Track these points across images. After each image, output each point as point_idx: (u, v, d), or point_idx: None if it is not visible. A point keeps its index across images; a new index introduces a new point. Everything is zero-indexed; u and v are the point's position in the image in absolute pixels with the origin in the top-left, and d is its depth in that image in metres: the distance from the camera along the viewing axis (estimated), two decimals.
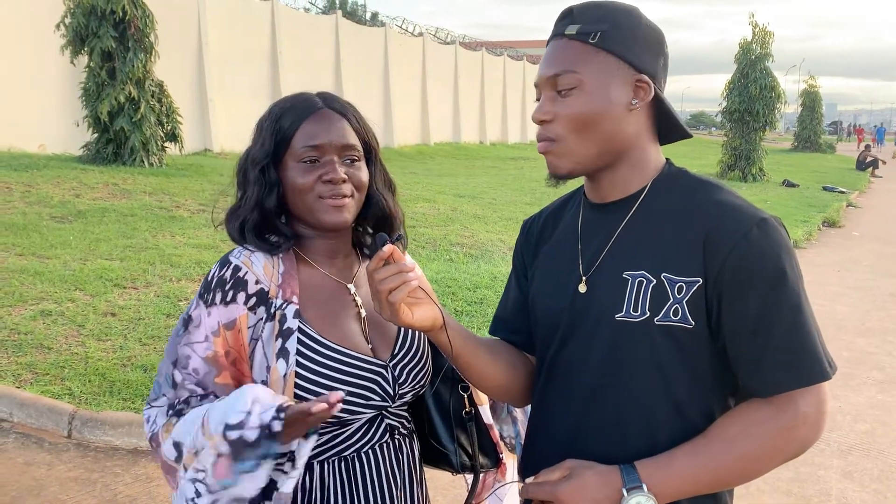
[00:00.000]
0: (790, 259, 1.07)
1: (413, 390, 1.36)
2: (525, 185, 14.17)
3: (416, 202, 10.36)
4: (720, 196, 1.13)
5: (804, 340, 1.05)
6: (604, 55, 1.11)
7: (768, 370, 1.06)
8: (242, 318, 1.23)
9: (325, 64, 18.80)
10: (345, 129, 1.29)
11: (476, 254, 7.52)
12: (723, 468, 1.08)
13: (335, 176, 1.26)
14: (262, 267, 1.26)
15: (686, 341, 1.08)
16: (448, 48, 26.23)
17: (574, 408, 1.17)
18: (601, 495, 1.07)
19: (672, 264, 1.09)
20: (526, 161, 20.42)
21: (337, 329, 1.29)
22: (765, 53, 19.39)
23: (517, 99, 31.72)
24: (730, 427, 1.08)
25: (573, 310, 1.17)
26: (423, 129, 23.68)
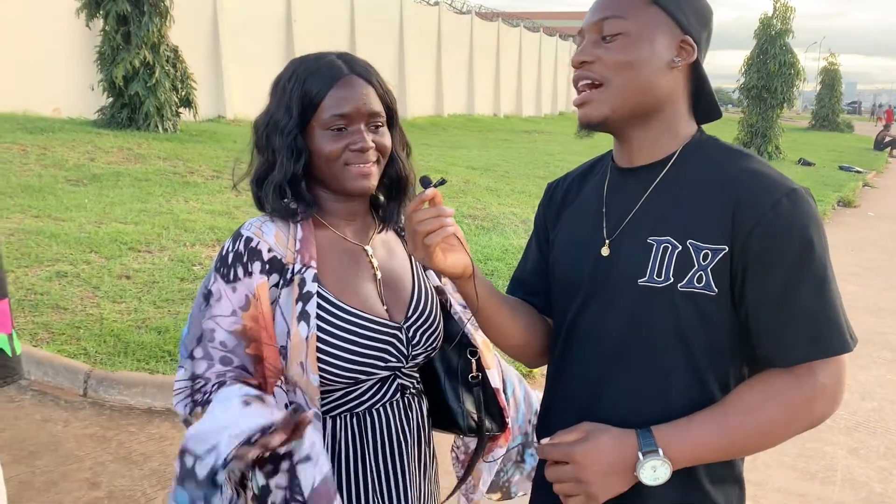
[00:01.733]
0: (818, 231, 1.06)
1: (426, 352, 1.38)
2: (538, 158, 14.11)
3: (430, 174, 10.33)
4: (751, 165, 1.12)
5: (828, 312, 1.06)
6: (655, 9, 1.11)
7: (791, 340, 1.06)
8: (262, 285, 1.24)
9: (339, 32, 18.66)
10: (371, 96, 1.29)
11: (488, 226, 7.52)
12: (740, 436, 1.08)
13: (364, 145, 1.27)
14: (273, 236, 1.27)
15: (708, 308, 1.08)
16: (464, 18, 25.94)
17: (593, 372, 1.17)
18: (617, 458, 1.08)
19: (698, 231, 1.08)
20: (540, 134, 20.30)
21: (354, 292, 1.31)
22: (785, 29, 19.09)
23: (532, 72, 31.42)
24: (749, 395, 1.08)
25: (595, 273, 1.17)
26: (437, 101, 23.53)
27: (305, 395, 1.23)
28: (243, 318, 1.23)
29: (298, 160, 1.28)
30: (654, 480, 1.06)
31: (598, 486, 1.08)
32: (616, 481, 1.08)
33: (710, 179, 1.12)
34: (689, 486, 1.13)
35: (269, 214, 1.30)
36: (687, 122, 1.19)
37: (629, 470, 1.07)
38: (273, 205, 1.29)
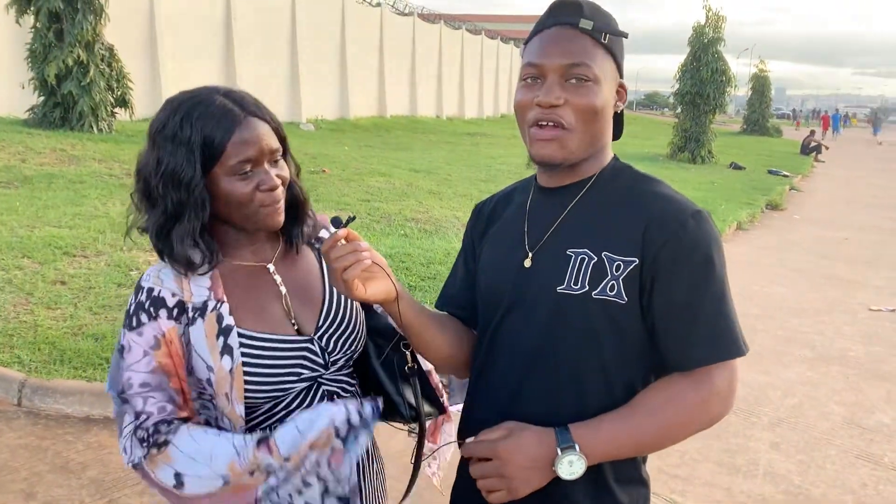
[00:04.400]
0: (718, 249, 1.19)
1: (345, 356, 1.43)
2: (481, 161, 14.25)
3: (372, 176, 10.37)
4: (660, 189, 1.25)
5: (725, 321, 1.18)
6: (608, 57, 1.22)
7: (691, 346, 1.17)
8: (171, 330, 1.27)
9: (280, 31, 18.47)
10: (268, 133, 1.31)
11: (431, 230, 7.60)
12: (645, 435, 1.19)
13: (273, 183, 1.29)
14: (172, 281, 1.30)
15: (619, 316, 1.19)
16: (406, 20, 25.97)
17: (513, 374, 1.27)
18: (538, 453, 1.16)
19: (612, 244, 1.19)
20: (482, 137, 20.48)
21: (259, 316, 1.34)
22: (717, 37, 19.75)
23: (475, 74, 31.66)
24: (653, 398, 1.19)
25: (517, 283, 1.26)
26: (380, 102, 23.51)
27: (231, 421, 1.29)
28: (156, 357, 1.26)
29: (205, 210, 1.28)
30: (571, 475, 1.15)
31: (520, 480, 1.17)
32: (536, 475, 1.17)
33: (624, 199, 1.24)
34: (599, 487, 1.22)
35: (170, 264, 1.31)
36: (608, 149, 1.31)
37: (548, 465, 1.16)
38: (177, 258, 1.29)
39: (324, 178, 9.75)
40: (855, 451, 3.88)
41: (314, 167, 10.26)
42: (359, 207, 8.23)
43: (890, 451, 3.87)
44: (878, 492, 3.47)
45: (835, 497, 3.40)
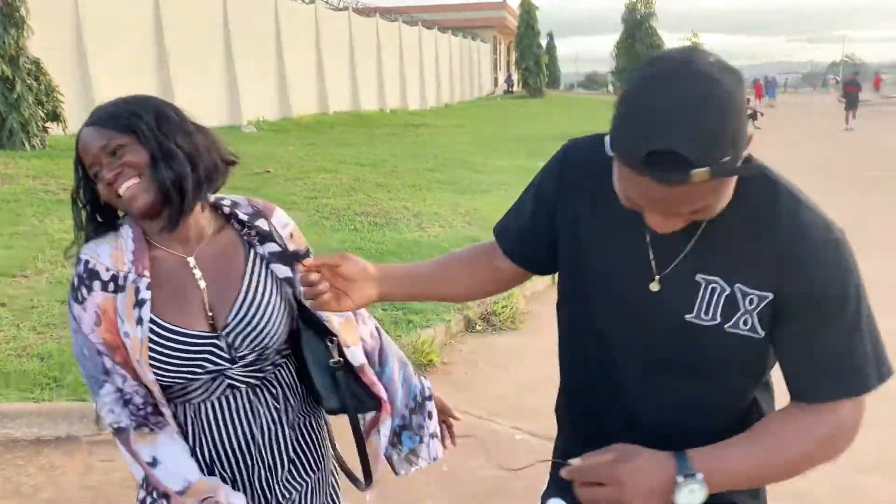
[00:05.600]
0: (855, 281, 1.10)
1: (254, 353, 1.47)
2: (427, 151, 14.24)
3: (318, 173, 10.27)
4: (794, 206, 1.11)
5: (855, 358, 1.11)
6: (719, 182, 1.00)
7: (819, 381, 1.12)
8: (106, 301, 1.37)
9: (213, 35, 18.10)
10: (99, 135, 1.37)
11: (381, 222, 7.56)
12: (770, 466, 1.13)
13: (108, 177, 1.36)
14: (109, 256, 1.40)
15: (751, 349, 1.14)
16: (341, 15, 25.71)
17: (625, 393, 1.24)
18: (658, 480, 1.09)
19: (746, 276, 1.11)
20: (427, 128, 20.46)
21: (174, 306, 1.41)
22: (649, 13, 20.09)
23: (415, 65, 31.57)
24: (779, 428, 1.14)
25: (641, 305, 1.19)
26: (321, 99, 23.26)
27: (149, 386, 1.39)
28: (100, 334, 1.36)
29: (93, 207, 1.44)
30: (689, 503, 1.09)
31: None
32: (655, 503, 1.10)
33: (760, 224, 1.11)
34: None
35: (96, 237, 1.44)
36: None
37: (668, 492, 1.09)
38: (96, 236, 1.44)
39: (269, 178, 9.62)
40: None
41: (258, 168, 10.12)
42: (306, 205, 8.14)
43: None
44: None
45: None
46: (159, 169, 1.38)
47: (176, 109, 1.46)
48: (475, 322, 5.18)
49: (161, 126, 1.40)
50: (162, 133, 1.40)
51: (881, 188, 11.46)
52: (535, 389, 4.10)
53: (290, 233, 1.57)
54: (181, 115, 1.46)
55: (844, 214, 6.70)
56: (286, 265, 1.50)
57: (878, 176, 12.82)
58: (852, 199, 10.17)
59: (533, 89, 41.62)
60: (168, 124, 1.41)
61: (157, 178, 1.37)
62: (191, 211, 1.43)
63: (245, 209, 1.54)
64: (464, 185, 10.13)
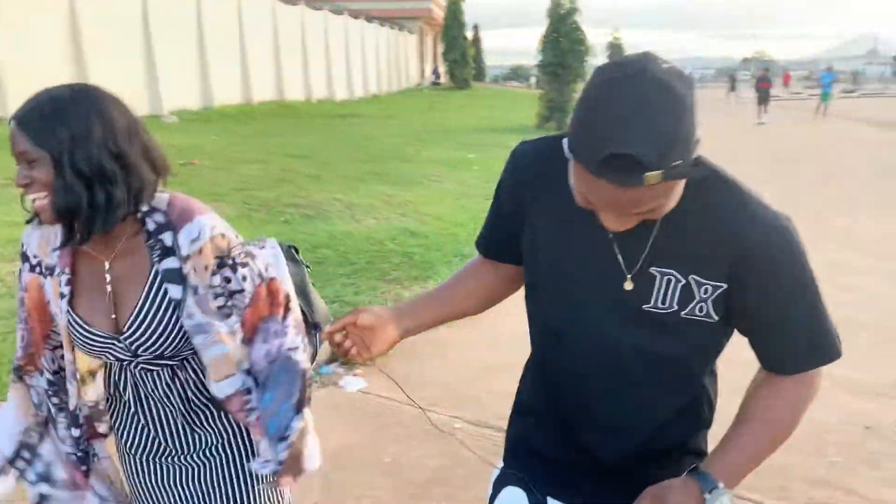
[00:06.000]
0: (805, 261, 1.20)
1: (152, 355, 1.56)
2: (357, 143, 14.16)
3: (245, 164, 10.10)
4: (741, 199, 1.19)
5: (821, 329, 1.23)
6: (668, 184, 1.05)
7: (790, 355, 1.25)
8: (32, 279, 1.57)
9: (131, 21, 17.45)
10: (17, 140, 1.41)
11: (313, 214, 7.51)
12: (765, 446, 1.28)
13: (18, 181, 1.43)
14: (36, 244, 1.56)
15: (707, 331, 1.24)
16: (265, 2, 25.18)
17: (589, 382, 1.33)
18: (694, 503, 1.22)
19: (700, 268, 1.19)
20: (355, 118, 20.32)
21: (85, 302, 1.55)
22: (574, 8, 20.44)
23: (341, 54, 31.22)
24: (771, 413, 1.27)
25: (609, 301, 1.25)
26: (245, 88, 22.74)
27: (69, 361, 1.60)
28: (24, 296, 1.59)
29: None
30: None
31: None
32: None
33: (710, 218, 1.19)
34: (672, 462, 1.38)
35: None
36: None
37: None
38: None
39: (194, 170, 9.38)
40: (730, 384, 4.21)
41: (182, 159, 9.85)
42: (234, 197, 8.00)
43: None
44: None
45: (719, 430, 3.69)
46: (56, 194, 1.40)
47: (108, 119, 1.42)
48: None
49: (76, 148, 1.38)
50: (72, 158, 1.38)
51: (790, 177, 12.08)
52: (473, 378, 4.19)
53: (200, 248, 1.51)
54: (113, 126, 1.42)
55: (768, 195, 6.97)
56: (179, 285, 1.50)
57: (789, 168, 13.49)
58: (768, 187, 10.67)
59: (460, 81, 41.82)
60: (85, 146, 1.39)
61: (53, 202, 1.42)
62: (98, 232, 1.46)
63: (157, 217, 1.51)
64: (396, 177, 10.15)
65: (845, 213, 9.22)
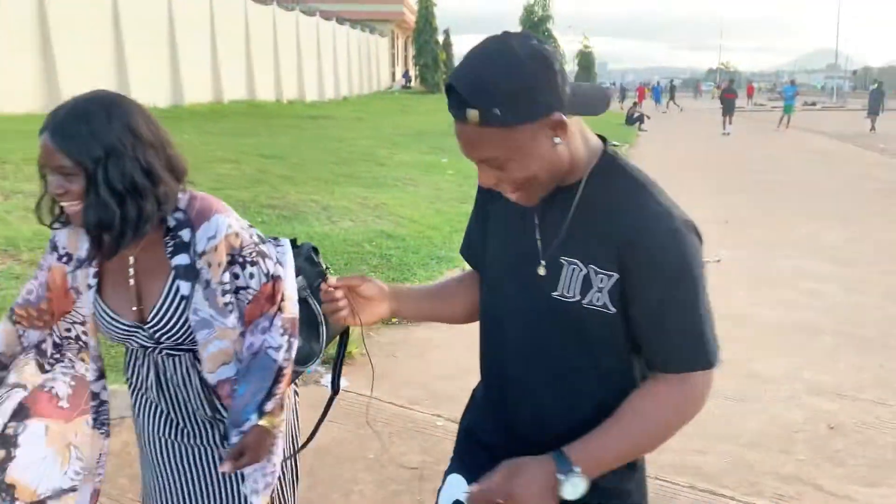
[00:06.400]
0: (693, 266, 1.23)
1: (172, 341, 1.66)
2: (330, 145, 14.15)
3: (219, 163, 10.05)
4: (642, 198, 1.25)
5: (695, 334, 1.24)
6: (512, 130, 1.14)
7: (664, 355, 1.27)
8: (57, 267, 1.65)
9: (100, 18, 17.22)
10: (52, 153, 1.47)
11: (289, 215, 7.52)
12: (634, 440, 1.28)
13: (54, 189, 1.50)
14: (65, 239, 1.65)
15: (608, 323, 1.27)
16: (237, 2, 25.04)
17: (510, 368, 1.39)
18: (544, 484, 1.23)
19: (597, 258, 1.25)
20: (327, 120, 20.28)
21: (111, 292, 1.65)
22: (546, 16, 20.73)
23: (312, 56, 31.13)
24: (639, 403, 1.27)
25: (529, 286, 1.33)
26: (216, 87, 22.59)
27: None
28: (47, 276, 1.67)
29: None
30: (575, 495, 1.23)
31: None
32: (547, 502, 1.24)
33: (610, 210, 1.25)
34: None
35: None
36: (589, 145, 1.30)
37: (555, 490, 1.23)
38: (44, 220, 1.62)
39: None
40: None
41: None
42: None
43: (729, 384, 4.35)
44: (724, 419, 3.92)
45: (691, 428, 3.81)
46: (87, 210, 1.49)
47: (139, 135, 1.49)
48: None
49: (110, 165, 1.46)
50: (106, 175, 1.46)
51: (755, 186, 12.38)
52: (452, 377, 4.26)
53: (216, 245, 1.58)
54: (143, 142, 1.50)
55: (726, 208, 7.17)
56: (188, 281, 1.59)
57: (754, 178, 13.81)
58: (734, 197, 10.95)
59: (431, 85, 41.93)
60: (118, 162, 1.47)
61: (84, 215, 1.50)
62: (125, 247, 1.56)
63: (177, 215, 1.60)
64: (370, 179, 10.19)
65: (809, 221, 9.49)
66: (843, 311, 5.80)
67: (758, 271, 7.01)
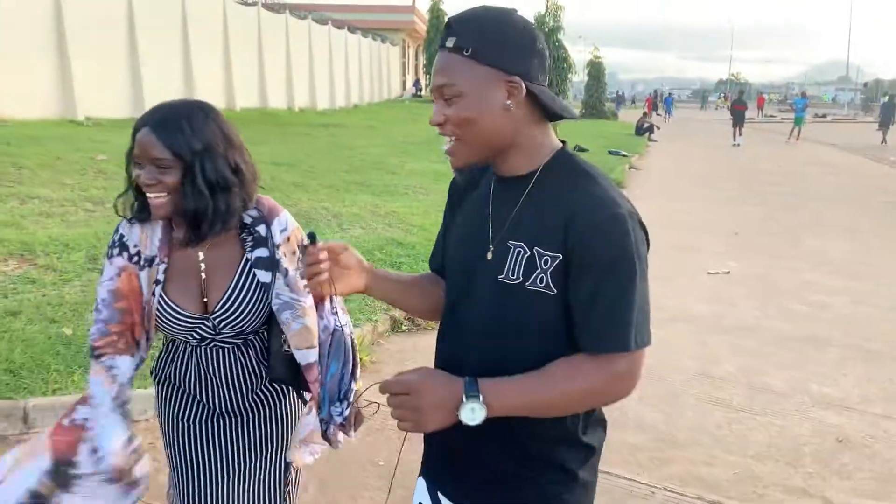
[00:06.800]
0: (629, 254, 1.27)
1: (233, 333, 1.80)
2: (341, 152, 14.23)
3: None
4: (590, 186, 1.33)
5: (620, 318, 1.28)
6: (476, 65, 1.30)
7: (595, 334, 1.30)
8: (129, 267, 1.71)
9: (116, 24, 17.39)
10: (153, 145, 1.61)
11: (301, 223, 7.49)
12: (545, 398, 1.31)
13: (145, 179, 1.63)
14: (137, 236, 1.73)
15: (549, 305, 1.31)
16: (250, 10, 25.22)
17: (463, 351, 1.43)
18: (445, 395, 1.29)
19: (542, 240, 1.31)
20: (338, 128, 20.39)
21: (178, 288, 1.74)
22: (557, 26, 20.80)
23: (324, 64, 31.29)
24: (558, 368, 1.31)
25: (478, 272, 1.40)
26: (228, 94, 22.73)
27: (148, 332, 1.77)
28: (117, 282, 1.71)
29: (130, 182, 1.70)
30: (472, 420, 1.27)
31: (428, 416, 1.29)
32: (442, 415, 1.29)
33: (558, 196, 1.33)
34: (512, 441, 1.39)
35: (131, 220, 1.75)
36: (545, 139, 1.40)
37: (454, 408, 1.28)
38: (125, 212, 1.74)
39: None
40: (707, 398, 4.38)
41: None
42: None
43: (737, 395, 4.40)
44: (732, 430, 3.96)
45: (695, 438, 3.85)
46: (183, 202, 1.63)
47: (228, 137, 1.68)
48: (401, 322, 5.34)
49: (206, 160, 1.63)
50: (203, 168, 1.63)
51: (765, 197, 12.38)
52: None
53: (288, 237, 1.80)
54: (232, 143, 1.68)
55: (735, 219, 7.18)
56: (268, 271, 1.77)
57: (764, 189, 13.81)
58: (743, 208, 10.96)
59: None
60: (213, 158, 1.64)
61: (181, 204, 1.63)
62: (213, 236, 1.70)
63: (252, 213, 1.76)
64: (381, 187, 10.25)
65: (818, 234, 9.49)
66: (851, 324, 5.81)
67: (766, 283, 7.02)
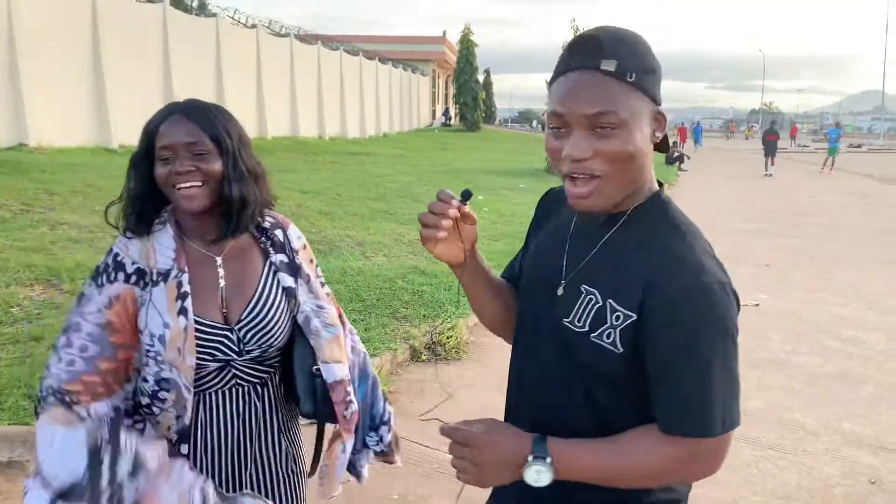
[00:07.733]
0: (714, 329, 1.14)
1: (259, 348, 1.64)
2: (369, 180, 14.33)
3: None
4: (677, 245, 1.19)
5: (701, 402, 1.15)
6: (638, 94, 1.15)
7: (666, 413, 1.18)
8: (127, 291, 1.52)
9: (153, 54, 17.84)
10: (190, 129, 1.54)
11: (325, 250, 7.60)
12: (618, 470, 1.20)
13: (181, 168, 1.52)
14: (137, 251, 1.56)
15: (613, 362, 1.19)
16: (283, 41, 25.72)
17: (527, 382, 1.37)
18: (509, 455, 1.20)
19: (618, 293, 1.19)
20: (367, 156, 20.57)
21: (195, 297, 1.57)
22: None
23: (355, 94, 31.71)
24: (634, 438, 1.20)
25: (544, 306, 1.31)
26: (260, 123, 23.12)
27: (181, 373, 1.54)
28: (107, 314, 1.51)
29: (143, 185, 1.57)
30: (536, 482, 1.19)
31: (489, 473, 1.22)
32: (505, 473, 1.21)
33: (644, 249, 1.21)
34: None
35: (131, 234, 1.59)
36: (649, 180, 1.26)
37: (517, 467, 1.20)
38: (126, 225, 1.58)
39: None
40: (735, 434, 4.23)
41: None
42: None
43: (766, 433, 4.26)
44: (759, 469, 3.82)
45: (721, 477, 3.72)
46: (229, 186, 1.56)
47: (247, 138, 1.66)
48: (420, 351, 5.29)
49: (241, 149, 1.60)
50: (241, 155, 1.59)
51: (797, 229, 12.17)
52: (480, 417, 4.22)
53: (304, 244, 1.81)
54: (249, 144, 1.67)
55: (767, 251, 7.01)
56: (291, 275, 1.70)
57: (796, 220, 13.58)
58: (773, 239, 10.77)
59: (470, 123, 42.35)
60: (246, 149, 1.62)
61: (222, 193, 1.56)
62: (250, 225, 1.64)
63: (268, 218, 1.73)
64: (406, 216, 10.26)
65: (851, 267, 9.27)
66: (885, 361, 5.62)
67: (798, 317, 6.85)
